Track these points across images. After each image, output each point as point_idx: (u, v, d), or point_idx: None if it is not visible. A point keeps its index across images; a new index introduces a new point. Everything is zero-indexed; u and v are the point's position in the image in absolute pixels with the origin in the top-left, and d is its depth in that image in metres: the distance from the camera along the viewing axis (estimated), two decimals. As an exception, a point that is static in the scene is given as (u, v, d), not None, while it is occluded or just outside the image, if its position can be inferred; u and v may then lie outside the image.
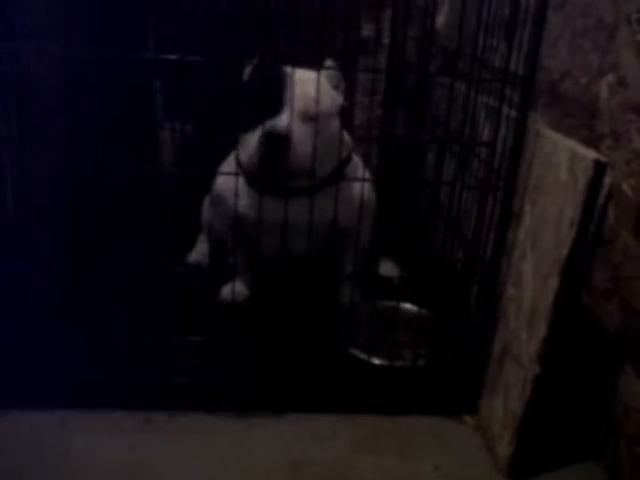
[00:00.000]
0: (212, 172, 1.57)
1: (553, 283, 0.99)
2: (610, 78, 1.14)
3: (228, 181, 1.45)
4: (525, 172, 1.13)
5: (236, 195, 1.41)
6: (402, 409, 1.26)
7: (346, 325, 1.41)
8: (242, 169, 1.44)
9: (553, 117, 1.29)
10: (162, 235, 1.65)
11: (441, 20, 2.25)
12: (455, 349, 1.30)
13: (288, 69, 1.34)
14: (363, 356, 1.30)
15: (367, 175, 1.52)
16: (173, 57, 1.23)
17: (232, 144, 1.63)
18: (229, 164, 1.50)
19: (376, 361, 1.30)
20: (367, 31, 2.41)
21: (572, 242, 0.98)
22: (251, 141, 1.33)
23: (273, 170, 1.33)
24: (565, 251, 0.98)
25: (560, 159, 1.02)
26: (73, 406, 1.22)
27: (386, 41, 2.39)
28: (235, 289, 1.61)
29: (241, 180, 1.44)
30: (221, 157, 2.04)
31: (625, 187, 1.08)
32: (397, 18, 2.31)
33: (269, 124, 1.29)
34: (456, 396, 1.27)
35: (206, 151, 2.38)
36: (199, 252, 1.84)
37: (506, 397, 1.12)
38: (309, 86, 1.30)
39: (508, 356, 1.13)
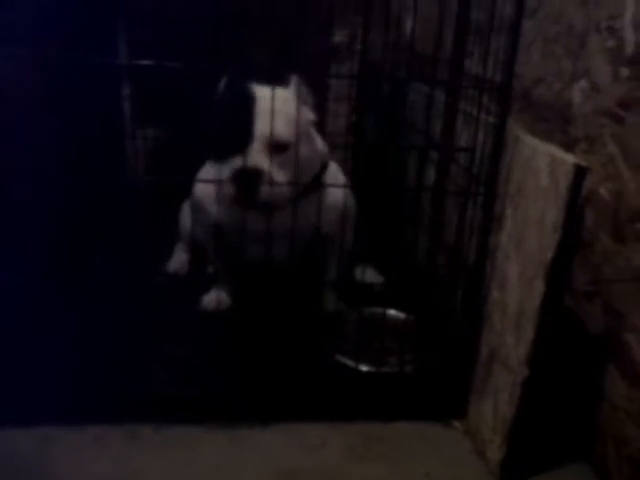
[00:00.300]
0: (186, 179, 1.55)
1: (539, 286, 1.00)
2: (583, 83, 1.16)
3: (207, 188, 1.44)
4: (505, 177, 1.14)
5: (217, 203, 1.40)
6: (391, 415, 1.26)
7: (332, 332, 1.41)
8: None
9: (527, 122, 1.31)
10: (138, 245, 1.64)
11: (409, 25, 2.27)
12: (441, 354, 1.30)
13: (256, 90, 1.33)
14: (350, 363, 1.29)
15: (344, 181, 1.53)
16: (148, 63, 1.21)
17: (206, 151, 1.63)
18: (207, 171, 1.48)
19: (364, 368, 1.30)
20: (339, 37, 2.42)
21: (557, 245, 0.99)
22: (222, 171, 1.31)
23: (247, 204, 1.33)
24: (550, 254, 0.99)
25: (540, 164, 1.03)
26: (54, 421, 1.20)
27: (358, 47, 2.41)
28: (216, 297, 1.60)
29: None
30: (195, 163, 2.03)
31: (602, 191, 1.10)
32: (369, 24, 2.33)
33: (239, 161, 1.28)
34: (444, 401, 1.27)
35: (179, 158, 2.37)
36: (177, 261, 1.82)
37: (495, 401, 1.13)
38: (277, 113, 1.26)
39: (496, 360, 1.14)
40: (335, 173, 1.51)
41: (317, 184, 1.44)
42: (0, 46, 1.27)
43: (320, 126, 1.60)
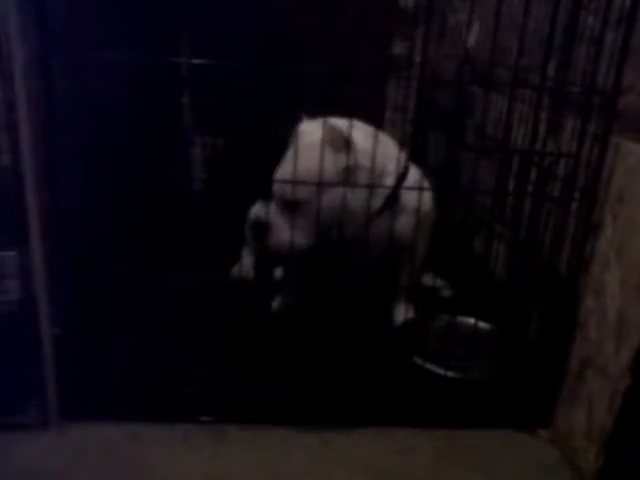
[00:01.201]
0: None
1: (648, 293, 1.00)
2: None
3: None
4: (604, 184, 1.13)
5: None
6: (476, 422, 1.25)
7: (416, 339, 1.40)
8: None
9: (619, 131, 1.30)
10: (203, 248, 1.66)
11: (472, 40, 2.27)
12: (526, 363, 1.29)
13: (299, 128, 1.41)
14: (437, 369, 1.29)
15: (426, 185, 1.53)
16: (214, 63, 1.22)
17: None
18: None
19: (450, 374, 1.29)
20: (399, 49, 2.43)
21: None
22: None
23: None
24: (659, 262, 0.99)
25: (649, 170, 1.02)
26: (142, 418, 1.21)
27: (417, 59, 2.42)
28: (288, 302, 1.61)
29: None
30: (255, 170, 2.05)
31: None
32: (429, 36, 2.34)
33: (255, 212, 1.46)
34: (529, 409, 1.26)
35: (239, 165, 2.40)
36: (244, 265, 1.84)
37: (590, 409, 1.12)
38: (306, 159, 1.33)
39: (590, 368, 1.13)
40: (415, 177, 1.51)
41: (393, 200, 1.44)
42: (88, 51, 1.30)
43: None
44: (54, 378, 1.16)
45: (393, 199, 1.44)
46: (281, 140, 2.06)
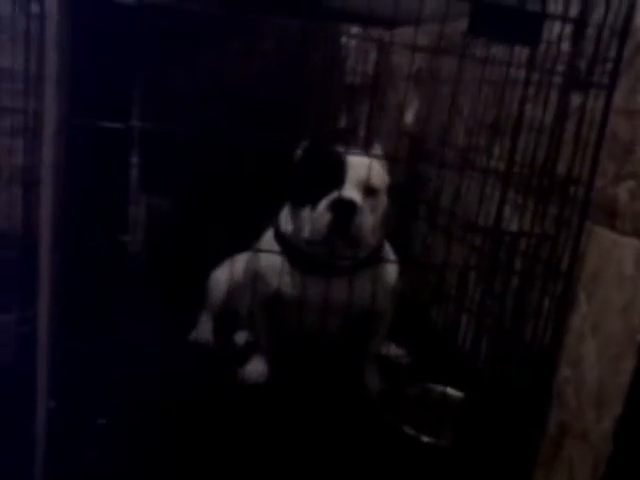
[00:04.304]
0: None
1: (628, 364, 1.11)
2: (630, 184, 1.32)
3: (270, 259, 1.49)
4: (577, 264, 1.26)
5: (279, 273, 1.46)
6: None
7: (398, 407, 1.45)
8: (286, 247, 1.49)
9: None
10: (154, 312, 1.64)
11: (410, 117, 2.45)
12: (499, 430, 1.37)
13: (343, 152, 1.43)
14: (428, 439, 1.34)
15: (395, 258, 1.61)
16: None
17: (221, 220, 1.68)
18: (268, 242, 1.53)
19: (426, 439, 1.35)
20: (343, 122, 2.55)
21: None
22: (309, 216, 1.39)
23: (341, 237, 1.38)
24: None
25: (623, 254, 1.16)
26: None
27: (362, 132, 2.56)
28: (258, 369, 1.61)
29: (281, 258, 1.48)
30: (203, 234, 2.08)
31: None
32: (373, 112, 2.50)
33: (335, 195, 1.36)
34: (505, 476, 1.33)
35: (185, 228, 2.39)
36: (203, 330, 1.82)
37: (570, 475, 1.21)
38: (365, 166, 1.39)
39: (569, 435, 1.22)
40: (388, 250, 1.59)
41: (375, 257, 1.51)
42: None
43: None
44: (43, 457, 1.10)
45: (376, 255, 1.51)
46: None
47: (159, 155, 2.30)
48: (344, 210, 1.35)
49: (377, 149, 1.51)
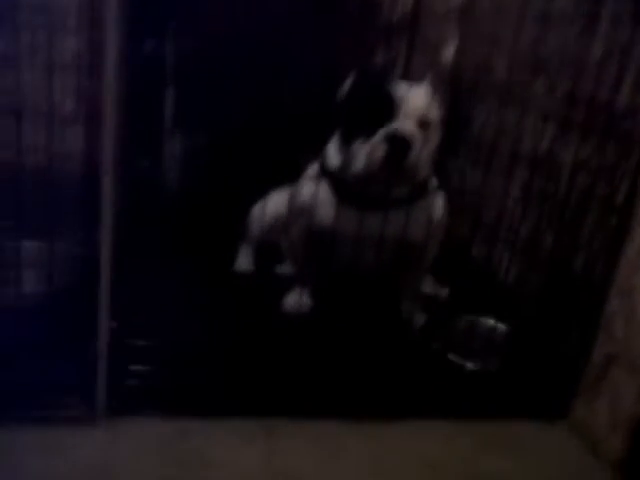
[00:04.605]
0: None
1: (680, 296, 1.12)
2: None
3: (314, 192, 1.49)
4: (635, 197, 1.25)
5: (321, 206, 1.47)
6: (500, 413, 1.34)
7: (444, 336, 1.47)
8: (331, 180, 1.48)
9: None
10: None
11: (449, 56, 2.38)
12: (544, 358, 1.40)
13: (393, 83, 1.41)
14: (472, 365, 1.37)
15: (441, 193, 1.61)
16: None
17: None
18: (313, 176, 1.53)
19: (471, 365, 1.38)
20: (380, 59, 2.50)
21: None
22: (362, 149, 1.37)
23: (394, 170, 1.36)
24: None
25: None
26: (189, 414, 1.21)
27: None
28: (299, 299, 1.64)
29: (327, 192, 1.49)
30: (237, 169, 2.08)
31: None
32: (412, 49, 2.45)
33: (390, 127, 1.34)
34: (548, 402, 1.36)
35: (218, 163, 2.38)
36: (246, 261, 1.84)
37: (615, 401, 1.23)
38: (418, 98, 1.38)
39: (615, 363, 1.25)
40: (435, 183, 1.58)
41: (423, 190, 1.50)
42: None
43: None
44: (106, 372, 1.14)
45: (424, 188, 1.50)
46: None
47: (196, 89, 2.27)
48: (399, 143, 1.33)
49: (427, 84, 1.47)
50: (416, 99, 1.36)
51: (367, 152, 1.36)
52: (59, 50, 1.24)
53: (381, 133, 1.34)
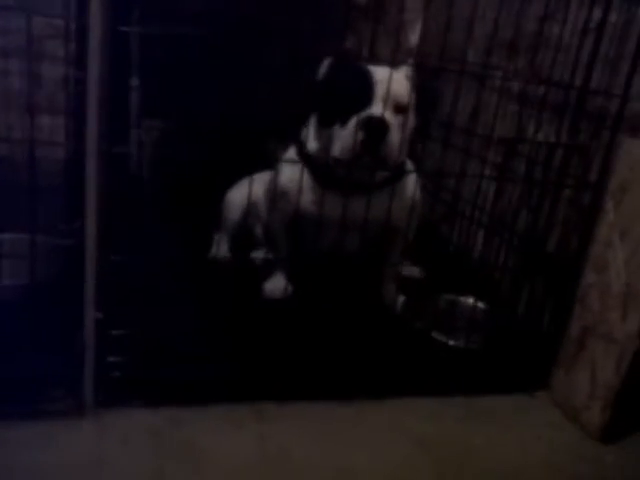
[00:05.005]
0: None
1: (655, 268, 1.16)
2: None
3: (292, 176, 1.49)
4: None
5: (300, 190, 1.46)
6: (481, 388, 1.38)
7: (424, 314, 1.50)
8: (309, 164, 1.48)
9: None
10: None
11: (414, 39, 2.39)
12: (522, 333, 1.44)
13: (370, 67, 1.41)
14: (459, 343, 1.40)
15: (417, 176, 1.63)
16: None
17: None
18: (290, 160, 1.53)
19: (452, 342, 1.41)
20: (349, 43, 2.50)
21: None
22: (340, 134, 1.37)
23: (371, 156, 1.36)
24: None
25: (654, 163, 1.19)
26: (177, 403, 1.20)
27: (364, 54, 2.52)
28: (280, 285, 1.64)
29: (306, 175, 1.49)
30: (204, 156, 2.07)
31: None
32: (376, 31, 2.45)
33: (366, 113, 1.35)
34: (528, 375, 1.41)
35: (185, 150, 2.36)
36: (221, 249, 1.83)
37: (593, 371, 1.28)
38: (395, 82, 1.38)
39: (592, 335, 1.29)
40: (410, 166, 1.60)
41: (397, 173, 1.51)
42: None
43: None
44: (92, 364, 1.13)
45: (401, 172, 1.52)
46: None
47: (162, 73, 2.24)
48: (375, 129, 1.34)
49: (401, 68, 1.48)
50: (392, 83, 1.37)
51: (344, 137, 1.36)
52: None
53: (357, 118, 1.35)
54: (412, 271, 1.83)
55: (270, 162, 1.71)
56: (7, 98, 1.00)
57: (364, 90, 1.37)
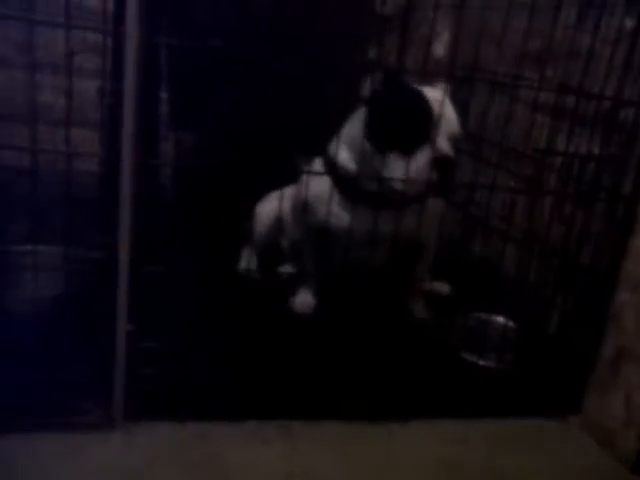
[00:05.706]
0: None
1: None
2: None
3: (319, 190, 1.49)
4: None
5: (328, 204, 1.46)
6: (511, 411, 1.35)
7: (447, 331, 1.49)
8: (338, 179, 1.48)
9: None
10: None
11: (441, 49, 2.39)
12: (553, 355, 1.41)
13: (422, 89, 1.40)
14: (475, 360, 1.38)
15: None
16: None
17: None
18: (317, 175, 1.52)
19: (484, 363, 1.39)
20: (373, 54, 2.50)
21: None
22: (403, 164, 1.36)
23: (444, 190, 1.40)
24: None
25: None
26: (205, 418, 1.20)
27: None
28: (305, 300, 1.63)
29: (335, 190, 1.48)
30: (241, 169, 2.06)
31: None
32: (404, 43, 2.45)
33: (437, 152, 1.34)
34: (560, 398, 1.38)
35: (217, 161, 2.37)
36: (250, 262, 1.83)
37: (628, 396, 1.25)
38: (452, 113, 1.38)
39: (627, 357, 1.26)
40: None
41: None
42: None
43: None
44: (123, 376, 1.13)
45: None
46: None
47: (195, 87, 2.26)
48: (447, 169, 1.34)
49: (441, 88, 1.44)
50: (452, 117, 1.38)
51: (414, 172, 1.35)
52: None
53: (428, 154, 1.34)
54: (440, 287, 1.82)
55: (297, 175, 1.71)
56: (33, 111, 1.01)
57: (424, 119, 1.36)
